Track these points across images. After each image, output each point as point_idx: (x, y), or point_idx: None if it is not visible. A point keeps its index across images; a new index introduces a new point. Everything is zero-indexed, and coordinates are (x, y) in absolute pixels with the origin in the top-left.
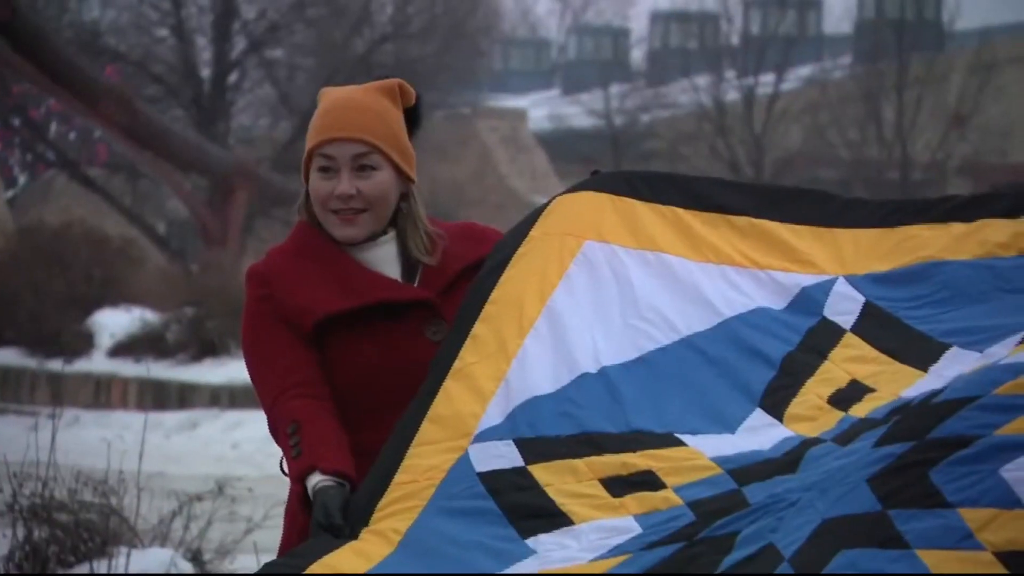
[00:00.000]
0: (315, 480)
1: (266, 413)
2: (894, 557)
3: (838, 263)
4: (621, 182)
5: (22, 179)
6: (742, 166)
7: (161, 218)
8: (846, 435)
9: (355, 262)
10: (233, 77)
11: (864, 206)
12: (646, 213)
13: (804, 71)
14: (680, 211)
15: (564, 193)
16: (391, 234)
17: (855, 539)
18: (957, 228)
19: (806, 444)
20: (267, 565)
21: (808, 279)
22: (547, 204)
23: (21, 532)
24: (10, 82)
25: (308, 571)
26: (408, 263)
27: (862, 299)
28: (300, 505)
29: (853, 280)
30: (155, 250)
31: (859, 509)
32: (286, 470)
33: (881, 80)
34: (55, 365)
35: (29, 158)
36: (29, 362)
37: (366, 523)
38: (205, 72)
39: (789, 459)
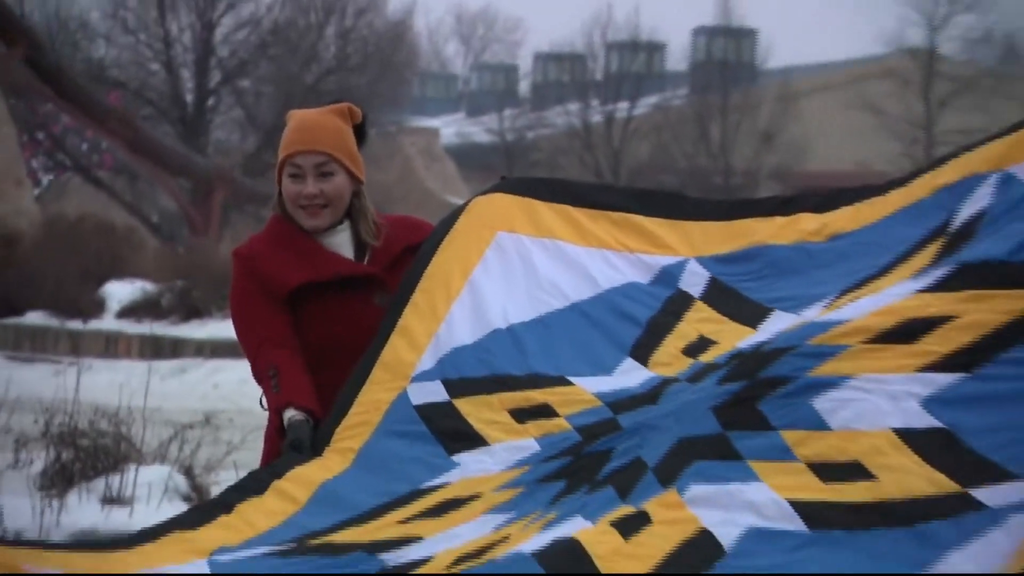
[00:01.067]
0: (290, 414)
1: (250, 360)
2: (731, 466)
3: (689, 247)
4: (524, 186)
5: (45, 180)
6: (604, 174)
7: (155, 211)
8: (696, 376)
9: (319, 245)
10: (211, 102)
11: (708, 204)
12: (544, 210)
13: (651, 100)
14: (570, 208)
15: (480, 194)
16: (346, 223)
17: (703, 453)
18: (779, 220)
19: (665, 383)
20: (251, 473)
21: (667, 260)
22: (468, 203)
23: (52, 454)
24: (36, 104)
25: (284, 478)
26: (359, 245)
27: (708, 275)
28: (277, 432)
29: (701, 260)
30: (151, 236)
31: (706, 431)
32: (265, 405)
33: (709, 107)
34: (74, 325)
35: (50, 164)
36: (54, 322)
37: (328, 444)
38: (189, 98)
39: (652, 394)
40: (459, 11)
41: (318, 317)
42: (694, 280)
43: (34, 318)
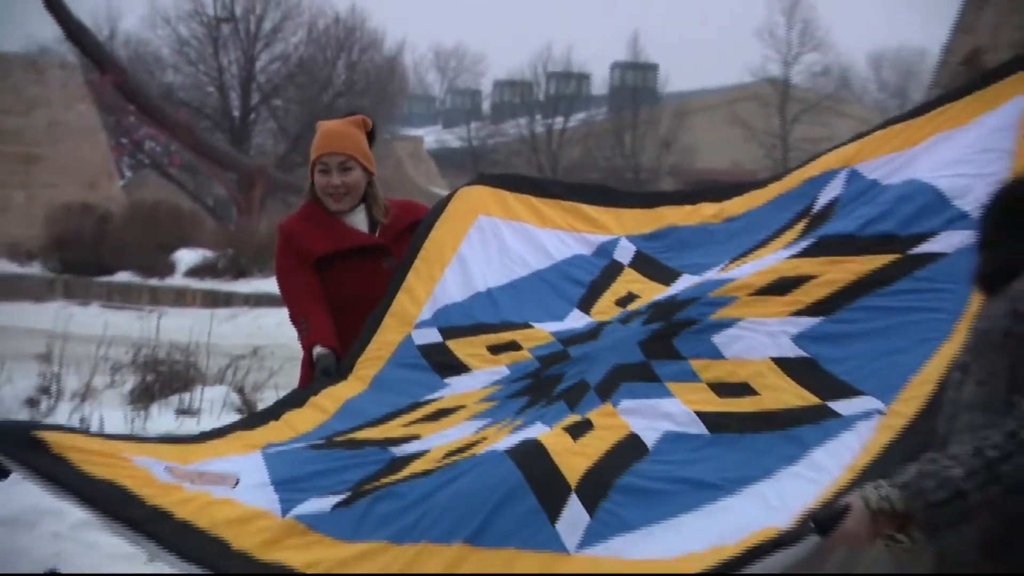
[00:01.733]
0: (318, 349)
1: (288, 308)
2: (652, 386)
3: (621, 228)
4: (496, 180)
5: (128, 174)
6: (546, 172)
7: (211, 198)
8: (625, 320)
9: (341, 223)
10: (252, 116)
11: (634, 195)
12: (511, 199)
13: (580, 116)
14: (531, 198)
15: (464, 186)
16: (362, 206)
17: (631, 376)
18: (687, 208)
19: (603, 325)
20: (292, 391)
21: (604, 238)
22: (455, 192)
23: (139, 378)
24: (122, 118)
25: (319, 395)
26: (372, 222)
27: (634, 248)
28: (308, 363)
29: (630, 238)
30: (208, 216)
31: (633, 360)
32: (300, 343)
33: (623, 122)
34: (153, 282)
35: (133, 162)
36: (137, 280)
37: (351, 371)
38: (235, 113)
39: (593, 333)
40: (437, 48)
41: (340, 277)
42: (624, 252)
43: (122, 277)
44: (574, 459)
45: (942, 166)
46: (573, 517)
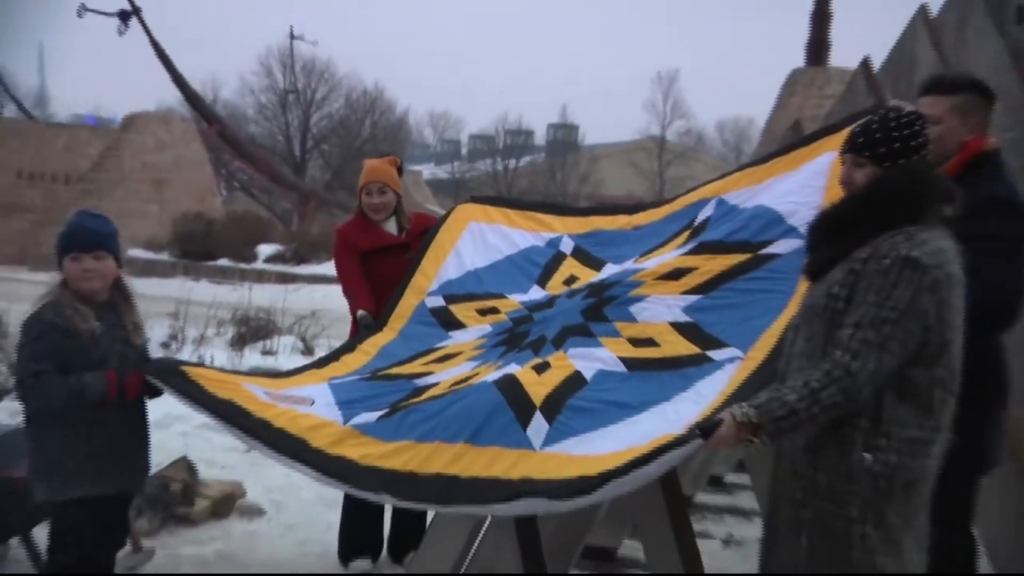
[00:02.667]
0: (361, 313)
1: (342, 285)
2: (589, 340)
3: (564, 229)
4: (482, 199)
5: (224, 193)
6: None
7: (280, 209)
8: (570, 295)
9: (379, 228)
10: (307, 156)
11: (572, 208)
12: (492, 210)
13: (527, 159)
14: (504, 209)
15: (462, 203)
16: (393, 217)
17: (575, 333)
18: (608, 217)
19: (555, 298)
20: (346, 342)
21: (553, 235)
22: (454, 208)
23: (236, 329)
24: (222, 155)
25: (364, 343)
26: (399, 228)
27: (573, 243)
28: (355, 323)
29: (570, 236)
30: (279, 222)
31: (576, 322)
32: (350, 309)
33: (555, 163)
34: (242, 266)
35: (228, 185)
36: (232, 264)
37: (385, 325)
38: (296, 153)
39: (549, 303)
40: (431, 112)
41: (377, 264)
42: (566, 246)
43: (222, 262)
44: (538, 388)
45: (779, 196)
46: (538, 426)
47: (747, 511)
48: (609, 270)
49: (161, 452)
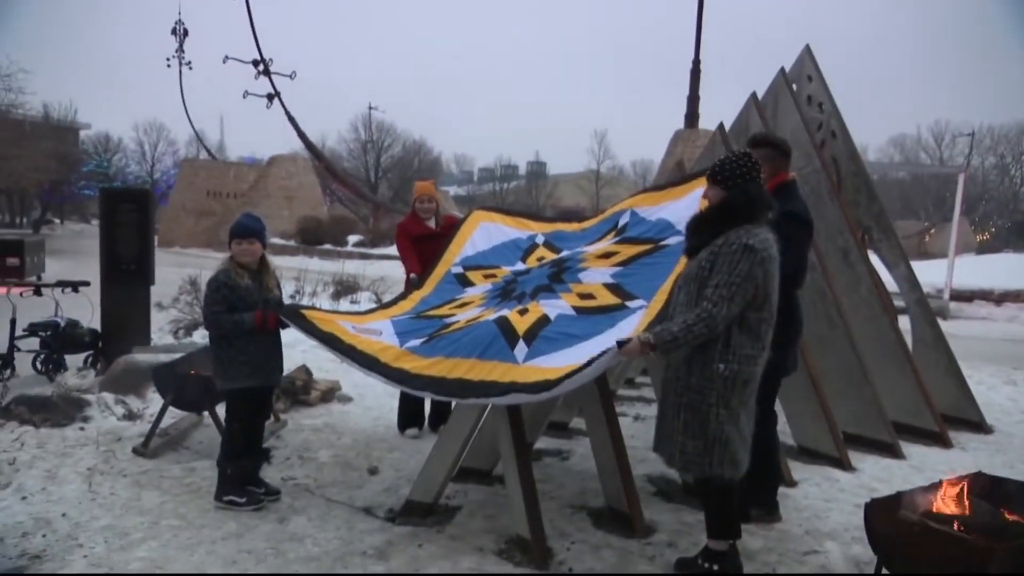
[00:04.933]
0: (412, 276)
1: (401, 259)
2: (552, 295)
3: (539, 229)
4: (488, 208)
5: (328, 203)
6: None
7: (360, 214)
8: (540, 265)
9: (425, 223)
10: (378, 181)
11: (544, 216)
12: (495, 214)
13: (512, 185)
14: (503, 215)
15: (475, 209)
16: (433, 216)
17: (543, 291)
18: (566, 224)
19: (530, 269)
20: (402, 292)
21: (531, 233)
22: (470, 212)
23: (335, 288)
24: (326, 180)
25: (412, 293)
26: (437, 223)
27: (544, 238)
28: (407, 282)
29: (543, 234)
30: (360, 222)
31: (544, 283)
32: (405, 273)
33: (532, 187)
34: (340, 249)
35: (330, 199)
36: (332, 247)
37: (424, 284)
38: (372, 179)
39: (527, 272)
40: (456, 153)
41: (423, 246)
42: (539, 240)
43: (326, 246)
44: (521, 324)
45: (673, 214)
46: (521, 348)
47: (648, 399)
48: (565, 253)
49: (290, 361)
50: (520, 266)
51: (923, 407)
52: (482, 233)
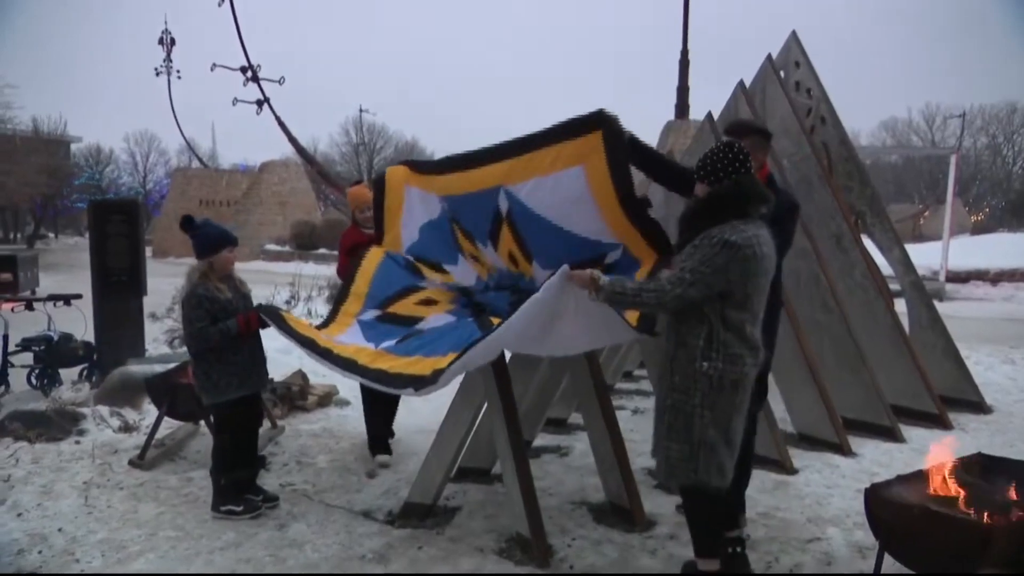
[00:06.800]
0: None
1: (340, 277)
2: (514, 300)
3: (439, 190)
4: (403, 162)
5: (322, 208)
6: None
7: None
8: (497, 288)
9: (366, 233)
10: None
11: (432, 163)
12: (409, 174)
13: None
14: (414, 172)
15: (388, 167)
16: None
17: (501, 315)
18: (452, 187)
19: (485, 284)
20: (339, 295)
21: (438, 197)
22: (384, 172)
23: (330, 292)
24: (319, 184)
25: (355, 285)
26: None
27: (449, 209)
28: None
29: (440, 198)
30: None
31: (504, 309)
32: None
33: None
34: (332, 254)
35: (325, 203)
36: (326, 251)
37: (356, 276)
38: (365, 182)
39: (484, 289)
40: (449, 152)
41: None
42: (448, 211)
43: (320, 251)
44: (493, 323)
45: (571, 223)
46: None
47: (647, 392)
48: (488, 253)
49: (286, 367)
50: (465, 270)
51: (922, 389)
52: (410, 205)
